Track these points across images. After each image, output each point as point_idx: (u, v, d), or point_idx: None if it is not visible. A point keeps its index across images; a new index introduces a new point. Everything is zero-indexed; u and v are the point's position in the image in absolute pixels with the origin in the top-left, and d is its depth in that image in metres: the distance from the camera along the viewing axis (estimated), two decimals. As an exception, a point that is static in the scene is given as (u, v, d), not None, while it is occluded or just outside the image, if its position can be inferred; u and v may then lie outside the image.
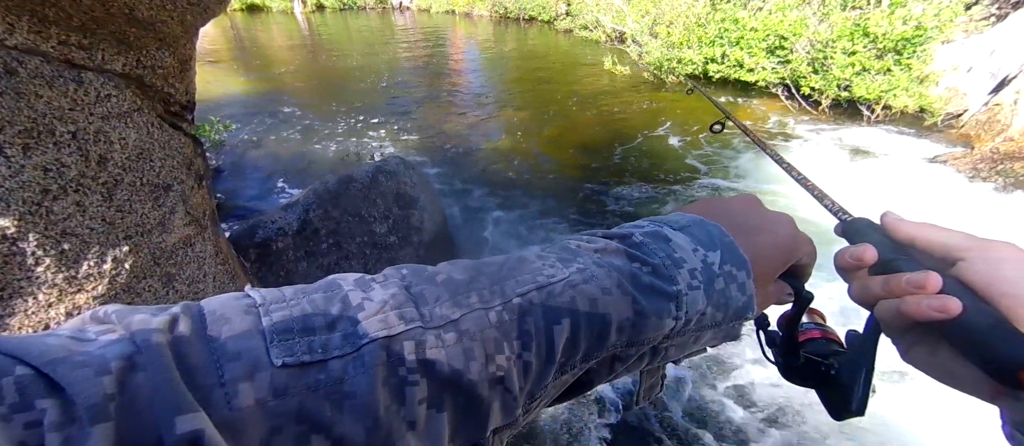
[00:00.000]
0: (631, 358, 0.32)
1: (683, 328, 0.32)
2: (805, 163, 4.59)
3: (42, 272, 0.98)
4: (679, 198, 4.15)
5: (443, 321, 0.26)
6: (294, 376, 0.22)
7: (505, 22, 15.16)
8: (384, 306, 0.26)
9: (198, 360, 0.21)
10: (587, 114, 6.24)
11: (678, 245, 0.34)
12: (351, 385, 0.23)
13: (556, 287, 0.29)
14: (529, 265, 0.31)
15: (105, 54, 1.07)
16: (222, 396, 0.20)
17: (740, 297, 0.33)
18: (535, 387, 0.29)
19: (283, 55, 10.81)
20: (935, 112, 5.09)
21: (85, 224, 1.03)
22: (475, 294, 0.28)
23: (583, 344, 0.29)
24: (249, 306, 0.24)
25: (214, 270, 1.47)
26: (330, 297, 0.26)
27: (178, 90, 1.33)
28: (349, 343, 0.24)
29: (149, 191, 1.19)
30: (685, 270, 0.32)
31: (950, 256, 0.33)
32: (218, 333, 0.22)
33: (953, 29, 5.31)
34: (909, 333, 0.34)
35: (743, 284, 0.33)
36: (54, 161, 0.97)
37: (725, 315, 0.33)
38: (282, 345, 0.22)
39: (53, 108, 0.96)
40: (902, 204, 3.70)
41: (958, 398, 0.34)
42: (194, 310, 0.23)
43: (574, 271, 0.31)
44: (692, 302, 0.31)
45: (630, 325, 0.30)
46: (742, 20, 6.54)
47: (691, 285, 0.32)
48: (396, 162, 3.24)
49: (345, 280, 0.28)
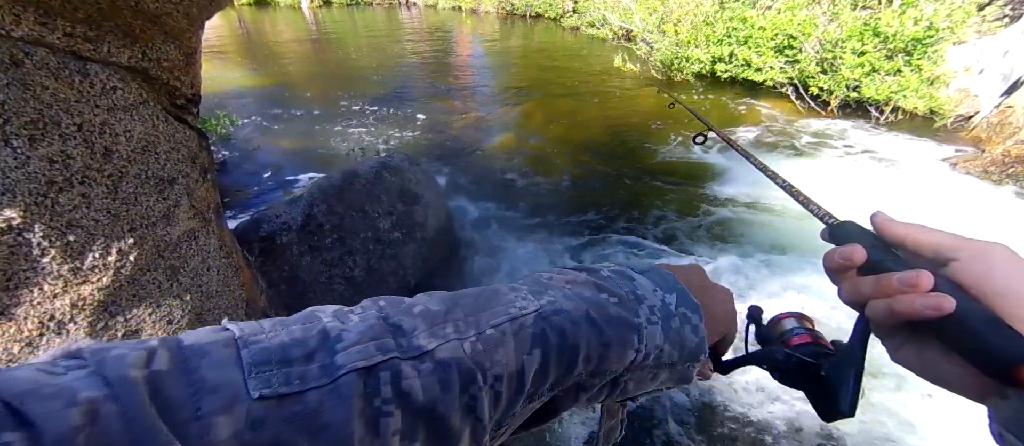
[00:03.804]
0: (594, 387, 0.34)
1: (642, 361, 0.34)
2: (812, 164, 4.55)
3: (48, 263, 0.98)
4: (684, 196, 4.13)
5: (420, 351, 0.27)
6: (271, 408, 0.22)
7: (511, 19, 15.12)
8: (362, 337, 0.27)
9: (174, 394, 0.21)
10: (593, 112, 6.21)
11: (640, 284, 0.36)
12: (328, 416, 0.23)
13: (528, 319, 0.31)
14: (503, 297, 0.32)
15: (111, 46, 1.07)
16: (198, 430, 0.20)
17: (693, 338, 0.36)
18: (503, 415, 0.30)
19: (289, 50, 10.84)
20: (945, 114, 5.03)
21: (90, 216, 1.04)
22: (451, 325, 0.29)
23: (553, 373, 0.31)
24: (228, 339, 0.25)
25: (218, 263, 1.47)
26: (309, 328, 0.27)
27: (184, 83, 1.33)
28: (326, 374, 0.24)
29: (154, 184, 1.19)
30: (645, 305, 0.35)
31: (941, 256, 0.33)
32: (197, 366, 0.22)
33: (965, 30, 5.23)
34: (899, 333, 0.34)
35: (696, 327, 0.36)
36: (60, 153, 0.97)
37: (680, 354, 0.35)
38: (260, 377, 0.23)
39: (59, 100, 0.96)
40: (910, 206, 3.66)
41: (948, 398, 0.33)
42: (172, 343, 0.24)
43: (545, 303, 0.32)
44: (651, 336, 0.34)
45: (596, 355, 0.32)
46: (750, 19, 6.48)
47: (651, 320, 0.34)
48: (400, 158, 3.24)
49: (323, 312, 0.29)
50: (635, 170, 4.66)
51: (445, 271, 3.18)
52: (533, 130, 5.76)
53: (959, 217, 3.51)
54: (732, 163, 4.66)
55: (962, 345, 0.30)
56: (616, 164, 4.81)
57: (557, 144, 5.31)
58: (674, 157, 4.88)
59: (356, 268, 2.60)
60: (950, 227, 0.35)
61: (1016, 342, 0.27)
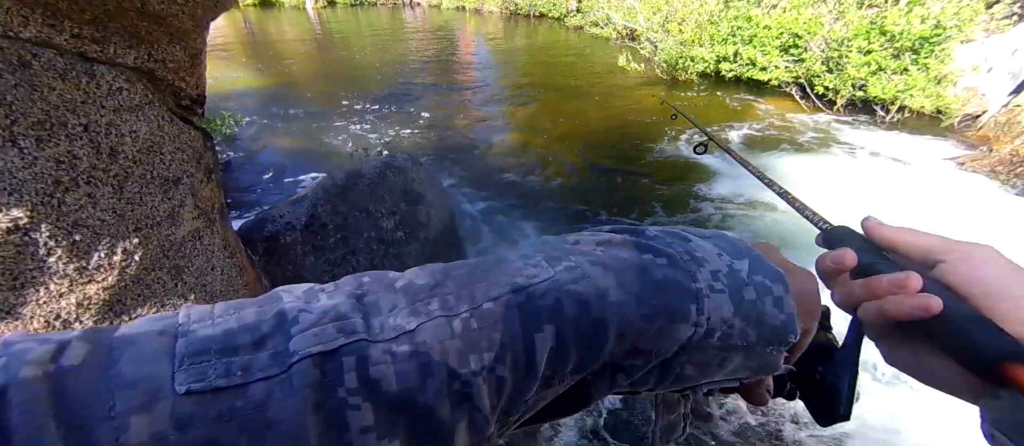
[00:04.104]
0: (637, 370, 0.27)
1: (704, 339, 0.27)
2: (818, 164, 4.53)
3: (54, 262, 0.99)
4: (687, 196, 4.11)
5: (396, 333, 0.23)
6: (202, 404, 0.19)
7: (515, 19, 15.12)
8: (323, 317, 0.23)
9: (83, 392, 0.19)
10: (597, 112, 6.20)
11: (699, 246, 0.29)
12: (276, 411, 0.20)
13: (537, 289, 0.26)
14: (508, 265, 0.28)
15: (117, 48, 1.08)
16: (110, 431, 0.18)
17: (778, 314, 0.28)
18: (511, 404, 0.25)
19: (294, 50, 10.89)
20: (952, 113, 4.98)
21: (96, 216, 1.05)
22: (437, 300, 0.25)
23: (573, 353, 0.26)
24: (167, 326, 0.22)
25: (222, 263, 1.48)
26: (264, 311, 0.24)
27: (189, 84, 1.34)
28: (277, 363, 0.21)
29: (159, 184, 1.20)
30: (706, 269, 0.28)
31: (930, 259, 0.33)
32: (116, 359, 0.20)
33: (973, 28, 5.18)
34: (891, 334, 0.34)
35: (780, 299, 0.28)
36: (66, 153, 0.98)
37: (758, 334, 0.28)
38: (192, 369, 0.20)
39: (66, 100, 0.97)
40: (917, 206, 3.63)
41: (942, 400, 0.33)
42: (97, 335, 0.21)
43: (562, 270, 0.27)
44: (715, 306, 0.27)
45: (635, 330, 0.26)
46: (755, 18, 6.45)
47: (714, 287, 0.27)
48: (404, 158, 3.25)
49: (290, 292, 0.26)
50: (639, 170, 4.65)
51: (448, 271, 3.18)
52: (537, 130, 5.75)
53: (966, 217, 3.48)
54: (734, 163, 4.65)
55: (951, 344, 0.30)
56: (620, 164, 4.80)
57: (561, 144, 5.31)
58: (678, 157, 4.87)
59: (359, 268, 2.61)
60: (957, 227, 0.35)
61: (1002, 340, 0.28)
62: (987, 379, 0.28)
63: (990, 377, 0.28)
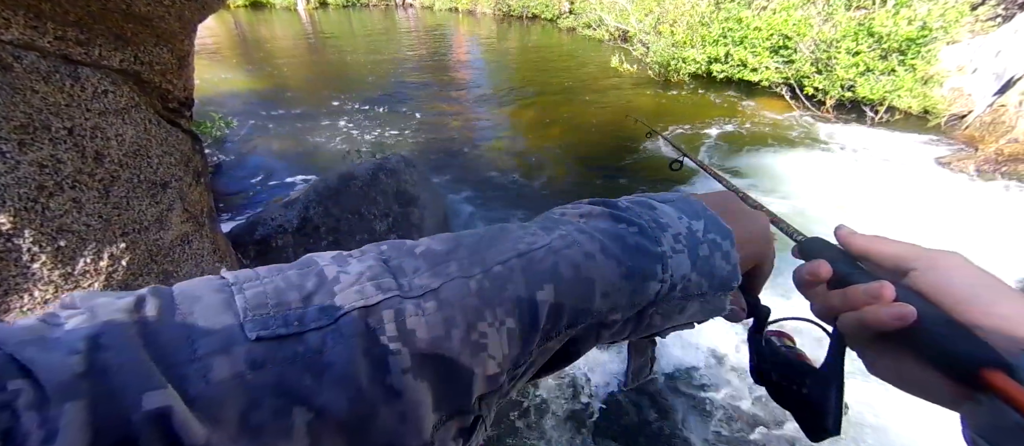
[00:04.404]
0: (616, 324, 0.32)
1: (668, 293, 0.32)
2: (807, 164, 4.57)
3: (38, 268, 0.97)
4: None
5: (422, 290, 0.26)
6: (271, 348, 0.22)
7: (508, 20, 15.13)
8: (360, 277, 0.26)
9: (169, 337, 0.21)
10: (590, 113, 6.22)
11: (663, 212, 0.34)
12: (330, 355, 0.23)
13: (537, 253, 0.30)
14: (510, 234, 0.31)
15: (102, 50, 1.07)
16: (197, 370, 0.20)
17: (725, 266, 0.33)
18: (520, 354, 0.29)
19: (285, 51, 10.81)
20: (939, 113, 5.06)
21: (81, 221, 1.03)
22: (455, 263, 0.28)
23: (567, 310, 0.29)
24: (222, 285, 0.24)
25: (212, 268, 1.46)
26: (305, 273, 0.26)
27: (176, 86, 1.33)
28: (326, 315, 0.24)
29: (147, 188, 1.18)
30: (669, 234, 0.32)
31: (901, 267, 0.34)
32: (189, 310, 0.22)
33: (959, 29, 5.27)
34: (873, 345, 0.35)
35: (727, 253, 0.34)
36: (50, 157, 0.96)
37: (710, 283, 0.33)
38: (256, 320, 0.22)
39: (49, 104, 0.96)
40: (904, 206, 3.68)
41: (927, 409, 0.34)
42: (164, 292, 0.23)
43: (556, 237, 0.31)
44: (677, 265, 0.32)
45: (615, 289, 0.30)
46: (746, 19, 6.51)
47: (675, 248, 0.32)
48: (397, 160, 3.23)
49: (321, 257, 0.28)
50: (630, 170, 4.68)
51: (442, 273, 3.18)
52: (530, 131, 5.76)
53: (951, 216, 3.53)
54: (731, 162, 4.68)
55: (929, 353, 0.30)
56: (611, 164, 4.82)
57: (554, 145, 5.32)
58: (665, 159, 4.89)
59: (352, 270, 2.59)
60: (943, 226, 0.36)
61: (978, 346, 0.28)
62: (967, 385, 0.28)
63: (969, 383, 0.28)
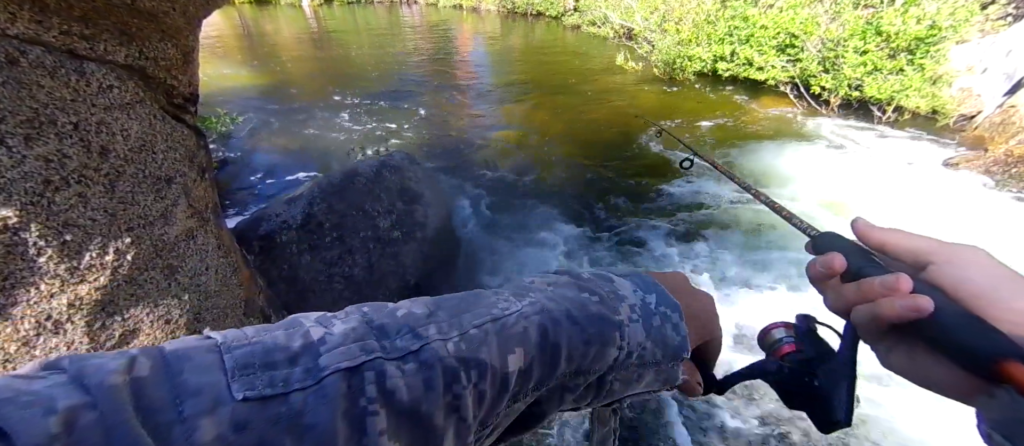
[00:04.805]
0: (578, 388, 0.34)
1: (626, 360, 0.34)
2: (813, 164, 4.54)
3: (44, 263, 0.98)
4: (684, 196, 4.12)
5: (403, 352, 0.27)
6: (255, 410, 0.22)
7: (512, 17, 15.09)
8: (346, 338, 0.27)
9: (156, 398, 0.21)
10: (595, 112, 6.20)
11: (620, 284, 0.37)
12: (312, 416, 0.23)
13: (510, 318, 0.31)
14: (485, 300, 0.33)
15: (107, 45, 1.07)
16: (182, 432, 0.20)
17: (675, 336, 0.36)
18: (487, 415, 0.30)
19: (290, 48, 10.83)
20: (948, 113, 5.01)
21: (87, 215, 1.03)
22: (434, 326, 0.29)
23: (536, 372, 0.31)
24: (211, 346, 0.25)
25: (216, 263, 1.47)
26: (292, 334, 0.27)
27: (181, 82, 1.33)
28: (310, 376, 0.24)
29: (151, 183, 1.19)
30: (626, 304, 0.35)
31: (919, 260, 0.34)
32: (180, 370, 0.23)
33: (968, 29, 5.20)
34: (886, 337, 0.35)
35: (677, 325, 0.36)
36: (56, 152, 0.96)
37: (664, 353, 0.35)
38: (243, 380, 0.23)
39: (55, 98, 0.96)
40: (911, 206, 3.65)
41: (940, 403, 0.34)
42: (155, 352, 0.24)
43: (527, 303, 0.33)
44: (633, 334, 0.34)
45: (579, 353, 0.32)
46: (752, 17, 6.46)
47: (631, 318, 0.34)
48: (401, 157, 3.23)
49: (306, 318, 0.29)
50: (634, 170, 4.66)
51: (445, 270, 3.18)
52: (534, 128, 5.75)
53: (960, 217, 3.50)
54: (734, 160, 4.65)
55: (945, 345, 0.30)
56: (616, 163, 4.80)
57: (558, 142, 5.31)
58: (673, 158, 4.87)
59: (356, 267, 2.60)
60: (951, 227, 0.35)
61: (996, 338, 0.28)
62: (982, 378, 0.28)
63: (985, 376, 0.28)
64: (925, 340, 0.31)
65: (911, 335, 0.32)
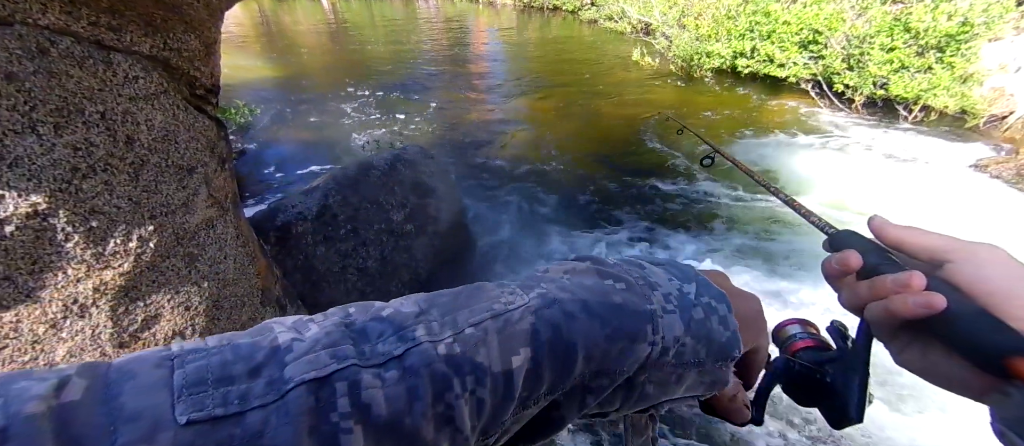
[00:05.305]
0: (603, 390, 0.29)
1: (660, 357, 0.29)
2: (835, 164, 4.43)
3: (71, 248, 1.01)
4: (700, 193, 4.06)
5: (385, 358, 0.24)
6: (202, 433, 0.20)
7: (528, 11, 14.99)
8: (316, 345, 0.24)
9: (88, 426, 0.19)
10: (611, 108, 6.14)
11: (652, 271, 0.33)
12: (272, 438, 0.21)
13: (514, 314, 0.28)
14: (486, 293, 0.29)
15: (133, 36, 1.09)
16: None
17: (723, 331, 0.31)
18: (490, 424, 0.27)
19: (308, 40, 10.94)
20: (978, 113, 4.84)
21: (112, 202, 1.06)
22: (423, 327, 0.26)
23: (547, 374, 0.27)
24: (163, 359, 0.22)
25: (234, 252, 1.49)
26: (258, 342, 0.24)
27: (203, 73, 1.35)
28: (272, 390, 0.22)
29: (174, 172, 1.21)
30: (659, 292, 0.31)
31: (936, 258, 0.33)
32: (118, 392, 0.20)
33: (1002, 26, 5.01)
34: (900, 335, 0.34)
35: (725, 318, 0.31)
36: (83, 140, 0.99)
37: (707, 351, 0.31)
38: (191, 399, 0.20)
39: (83, 88, 0.98)
40: (936, 209, 3.54)
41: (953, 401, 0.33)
42: (95, 369, 0.21)
43: (535, 296, 0.29)
44: (669, 326, 0.29)
45: (600, 351, 0.28)
46: (774, 13, 6.31)
47: (666, 308, 0.30)
48: (415, 150, 3.25)
49: (280, 322, 0.26)
50: (649, 167, 4.60)
51: (457, 264, 3.19)
52: (548, 123, 5.72)
53: (987, 220, 3.38)
54: (751, 160, 4.57)
55: (958, 342, 0.30)
56: (630, 159, 4.75)
57: (572, 137, 5.27)
58: (688, 154, 4.80)
59: (369, 259, 2.62)
60: (977, 231, 0.35)
61: (1008, 335, 0.28)
62: (995, 375, 0.28)
63: (998, 373, 0.28)
64: (938, 337, 0.31)
65: (925, 332, 0.32)
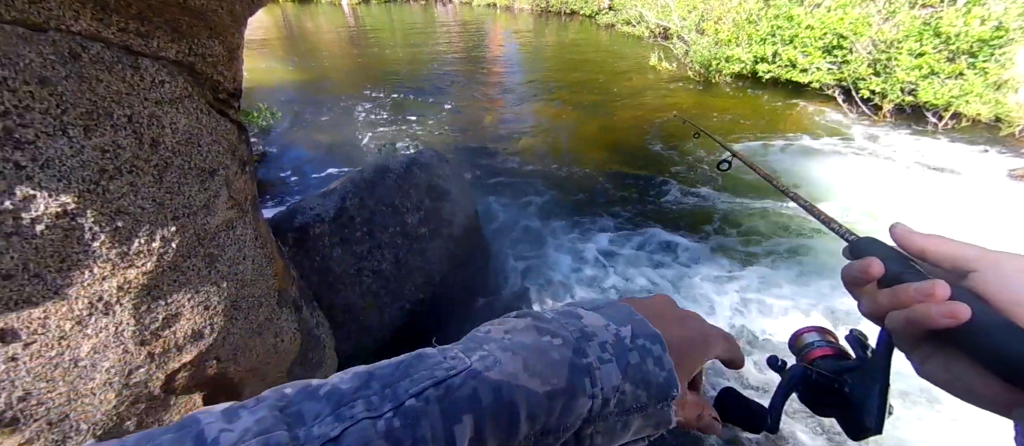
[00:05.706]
0: None
1: (602, 408, 0.30)
2: (860, 172, 4.31)
3: (98, 247, 1.03)
4: (715, 200, 3.99)
5: (321, 441, 0.23)
6: None
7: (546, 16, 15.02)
8: (246, 434, 0.23)
9: None
10: (627, 112, 6.09)
11: (590, 319, 0.33)
12: None
13: (456, 380, 0.27)
14: (428, 360, 0.29)
15: (160, 41, 1.12)
16: None
17: (659, 372, 0.32)
18: None
19: (329, 45, 11.16)
20: (1012, 121, 4.65)
21: (137, 203, 1.09)
22: (362, 402, 0.26)
23: (490, 441, 0.27)
24: None
25: (253, 253, 1.52)
26: (182, 437, 0.23)
27: (226, 78, 1.38)
28: None
29: (196, 174, 1.24)
30: (595, 343, 0.31)
31: (961, 268, 0.32)
32: None
33: (1040, 30, 4.81)
34: (922, 345, 0.33)
35: (660, 358, 0.32)
36: (111, 143, 1.02)
37: (648, 394, 0.31)
38: None
39: (112, 92, 1.01)
40: (967, 220, 3.41)
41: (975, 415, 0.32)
42: None
43: (477, 359, 0.29)
44: (606, 376, 0.30)
45: (542, 410, 0.28)
46: (797, 17, 6.19)
47: (602, 358, 0.30)
48: (430, 154, 3.27)
49: (208, 413, 0.25)
50: (665, 173, 4.55)
51: (470, 268, 3.20)
52: (564, 128, 5.70)
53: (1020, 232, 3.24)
54: (769, 166, 4.47)
55: (982, 354, 0.29)
56: (646, 165, 4.70)
57: (588, 142, 5.25)
58: (705, 160, 4.73)
59: (384, 261, 2.64)
60: (1009, 243, 0.32)
61: None
62: (1021, 389, 0.27)
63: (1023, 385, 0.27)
64: (962, 349, 0.30)
65: (948, 344, 0.31)
